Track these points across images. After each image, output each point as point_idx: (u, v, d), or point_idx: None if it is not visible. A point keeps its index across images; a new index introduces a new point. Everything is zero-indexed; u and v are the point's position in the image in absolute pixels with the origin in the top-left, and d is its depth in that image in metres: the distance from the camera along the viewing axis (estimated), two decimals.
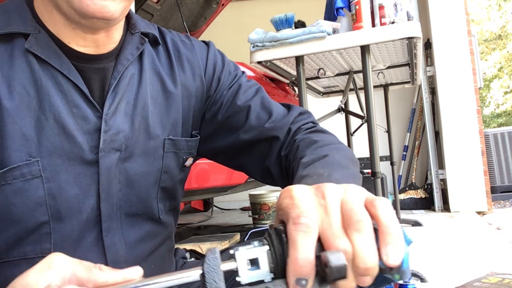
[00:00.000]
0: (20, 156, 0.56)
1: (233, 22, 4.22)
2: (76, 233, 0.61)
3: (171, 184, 0.72)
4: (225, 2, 2.78)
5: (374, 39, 1.60)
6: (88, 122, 0.60)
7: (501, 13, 12.16)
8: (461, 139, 3.20)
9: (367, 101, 1.67)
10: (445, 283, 1.51)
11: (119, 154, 0.63)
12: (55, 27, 0.59)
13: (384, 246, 0.34)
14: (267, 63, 1.84)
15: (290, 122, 0.72)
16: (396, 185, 2.89)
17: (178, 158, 0.72)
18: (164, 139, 0.68)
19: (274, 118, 0.72)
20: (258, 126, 0.71)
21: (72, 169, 0.59)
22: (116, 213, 0.63)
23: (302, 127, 0.72)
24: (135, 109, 0.65)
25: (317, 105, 2.87)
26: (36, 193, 0.57)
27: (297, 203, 0.36)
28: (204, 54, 0.76)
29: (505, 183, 3.93)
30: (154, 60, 0.70)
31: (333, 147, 0.64)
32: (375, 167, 1.63)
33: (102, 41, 0.62)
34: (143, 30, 0.68)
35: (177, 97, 0.70)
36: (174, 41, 0.74)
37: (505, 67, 12.23)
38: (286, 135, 0.71)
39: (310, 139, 0.67)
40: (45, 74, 0.58)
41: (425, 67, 3.42)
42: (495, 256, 1.84)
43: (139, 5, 2.47)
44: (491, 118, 12.40)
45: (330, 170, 0.53)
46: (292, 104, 0.77)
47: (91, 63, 0.62)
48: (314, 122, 0.75)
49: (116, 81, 0.62)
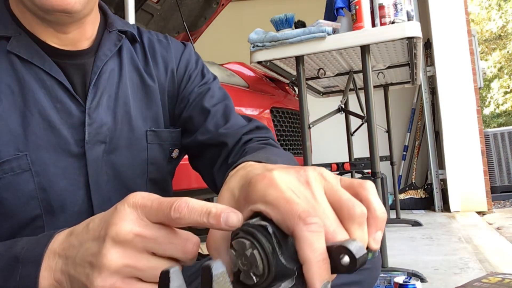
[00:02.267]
0: (9, 151, 0.58)
1: (233, 22, 4.22)
2: (69, 225, 0.61)
3: (160, 176, 0.73)
4: (225, 2, 2.78)
5: (374, 39, 1.60)
6: (72, 116, 0.62)
7: (501, 13, 12.16)
8: (461, 139, 3.20)
9: (367, 101, 1.67)
10: (445, 283, 1.51)
11: (104, 146, 0.65)
12: (31, 27, 0.62)
13: (375, 231, 0.34)
14: (267, 63, 1.84)
15: (243, 133, 0.73)
16: (396, 185, 2.89)
17: (164, 150, 0.73)
18: (146, 130, 0.70)
19: (229, 125, 0.73)
20: (213, 130, 0.72)
21: (60, 163, 0.61)
22: (107, 203, 0.65)
23: (255, 139, 0.72)
24: (116, 103, 0.67)
25: (317, 105, 2.88)
26: (27, 187, 0.59)
27: (291, 197, 0.33)
28: (179, 52, 0.78)
29: (505, 183, 3.93)
30: (133, 56, 0.72)
31: (281, 153, 0.63)
32: (375, 167, 1.63)
33: (76, 38, 0.64)
34: (120, 28, 0.70)
35: (155, 91, 0.73)
36: (150, 40, 0.76)
37: (505, 67, 12.23)
38: (236, 143, 0.72)
39: (258, 147, 0.67)
40: (27, 72, 0.60)
41: (425, 67, 3.42)
42: (495, 256, 1.84)
43: (139, 5, 2.46)
44: (491, 118, 12.40)
45: (276, 159, 0.51)
46: (254, 119, 0.77)
47: (71, 59, 0.64)
48: (270, 138, 0.75)
49: (96, 76, 0.64)
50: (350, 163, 1.76)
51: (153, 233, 0.34)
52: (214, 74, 0.83)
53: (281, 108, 2.34)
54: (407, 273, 1.52)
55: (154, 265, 0.34)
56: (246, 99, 2.07)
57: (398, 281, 1.17)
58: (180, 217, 0.33)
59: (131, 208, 0.34)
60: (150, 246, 0.34)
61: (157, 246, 0.34)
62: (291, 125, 2.42)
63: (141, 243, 0.34)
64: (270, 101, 2.26)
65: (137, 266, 0.34)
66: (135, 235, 0.34)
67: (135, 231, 0.34)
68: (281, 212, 0.32)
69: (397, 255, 1.94)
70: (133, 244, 0.34)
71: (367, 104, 1.67)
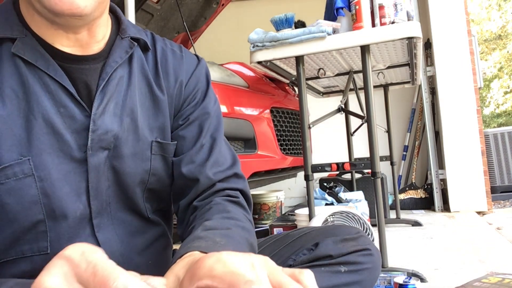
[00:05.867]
0: (12, 156, 0.57)
1: (233, 22, 4.22)
2: (71, 230, 0.62)
3: (159, 186, 0.73)
4: (225, 2, 2.78)
5: (374, 39, 1.60)
6: (76, 121, 0.62)
7: (501, 13, 12.16)
8: (461, 139, 3.20)
9: (367, 101, 1.67)
10: (445, 283, 1.51)
11: (107, 153, 0.64)
12: (39, 29, 0.61)
13: None
14: (267, 63, 1.84)
15: (219, 179, 0.73)
16: (396, 185, 2.89)
17: (167, 162, 0.73)
18: (151, 141, 0.70)
19: (211, 162, 0.73)
20: (196, 162, 0.72)
21: (62, 167, 0.60)
22: (106, 209, 0.65)
23: (226, 192, 0.73)
24: (123, 110, 0.66)
25: (317, 105, 2.88)
26: (29, 192, 0.58)
27: (238, 270, 0.34)
28: (191, 68, 0.77)
29: (505, 183, 3.93)
30: (143, 65, 0.71)
31: (240, 224, 0.64)
32: (375, 167, 1.63)
33: (85, 40, 0.63)
34: (133, 35, 0.69)
35: (164, 103, 0.72)
36: (164, 50, 0.75)
37: (505, 67, 12.22)
38: (208, 187, 0.72)
39: (224, 207, 0.68)
40: (32, 75, 0.60)
41: (425, 67, 3.42)
42: (495, 256, 1.84)
43: (139, 5, 2.46)
44: (491, 118, 12.40)
45: (226, 241, 0.54)
46: (238, 161, 0.78)
47: (77, 64, 0.63)
48: (242, 191, 0.76)
49: (104, 82, 0.64)
50: (350, 163, 1.76)
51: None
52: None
53: (281, 108, 2.34)
54: (407, 273, 1.52)
55: None
56: (246, 99, 2.07)
57: (398, 281, 1.17)
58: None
59: (61, 269, 0.33)
60: None
61: None
62: (291, 125, 2.42)
63: None
64: (270, 101, 2.26)
65: None
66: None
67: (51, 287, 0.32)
68: (227, 283, 0.34)
69: (397, 255, 1.94)
70: None
71: (367, 104, 1.67)
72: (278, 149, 2.22)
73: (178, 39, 2.79)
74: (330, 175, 3.13)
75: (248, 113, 2.02)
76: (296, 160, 2.41)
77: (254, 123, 2.03)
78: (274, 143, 2.19)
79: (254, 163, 2.03)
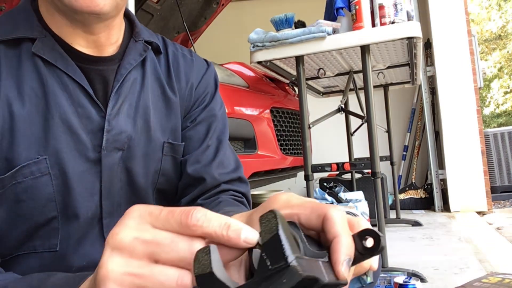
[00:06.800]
0: (29, 155, 0.58)
1: (233, 22, 4.22)
2: (81, 229, 0.64)
3: (168, 187, 0.74)
4: (225, 2, 2.78)
5: (374, 39, 1.60)
6: (92, 122, 0.62)
7: (501, 13, 12.16)
8: (461, 139, 3.20)
9: (367, 101, 1.67)
10: (445, 283, 1.51)
11: (121, 154, 0.65)
12: (59, 29, 0.61)
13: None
14: (267, 63, 1.84)
15: (224, 180, 0.74)
16: (396, 185, 2.89)
17: (177, 164, 0.74)
18: (163, 142, 0.71)
19: (216, 163, 0.74)
20: (201, 162, 0.73)
21: (77, 167, 0.61)
22: (117, 210, 0.66)
23: (231, 192, 0.75)
24: (137, 111, 0.67)
25: (317, 105, 2.88)
26: (46, 190, 0.59)
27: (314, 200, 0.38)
28: (201, 72, 0.79)
29: (505, 183, 3.93)
30: (156, 67, 0.72)
31: None
32: (375, 167, 1.63)
33: (102, 41, 0.64)
34: (146, 38, 0.71)
35: (176, 104, 0.73)
36: (175, 54, 0.76)
37: (505, 67, 12.23)
38: (213, 187, 0.74)
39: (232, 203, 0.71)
40: (51, 75, 0.60)
41: (425, 67, 3.42)
42: (495, 256, 1.84)
43: (139, 5, 2.46)
44: (491, 118, 12.40)
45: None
46: (241, 166, 0.79)
47: (94, 65, 0.64)
48: (245, 196, 0.78)
49: (119, 84, 0.64)
50: (350, 163, 1.76)
51: (153, 236, 0.32)
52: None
53: (281, 108, 2.34)
54: (407, 273, 1.52)
55: (157, 272, 0.31)
56: (246, 99, 2.07)
57: (398, 281, 1.18)
58: (197, 225, 0.31)
59: (133, 218, 0.33)
60: (150, 250, 0.31)
61: (159, 249, 0.31)
62: (291, 125, 2.42)
63: (141, 248, 0.31)
64: (270, 101, 2.26)
65: (139, 274, 0.31)
66: (134, 239, 0.31)
67: (134, 235, 0.32)
68: (309, 208, 0.35)
69: (397, 255, 1.94)
70: (132, 250, 0.31)
71: (367, 104, 1.67)
72: (278, 149, 2.22)
73: (178, 39, 2.79)
74: (330, 175, 3.13)
75: (248, 113, 2.02)
76: (296, 160, 2.41)
77: (254, 123, 2.03)
78: (274, 143, 2.19)
79: (254, 163, 2.03)
